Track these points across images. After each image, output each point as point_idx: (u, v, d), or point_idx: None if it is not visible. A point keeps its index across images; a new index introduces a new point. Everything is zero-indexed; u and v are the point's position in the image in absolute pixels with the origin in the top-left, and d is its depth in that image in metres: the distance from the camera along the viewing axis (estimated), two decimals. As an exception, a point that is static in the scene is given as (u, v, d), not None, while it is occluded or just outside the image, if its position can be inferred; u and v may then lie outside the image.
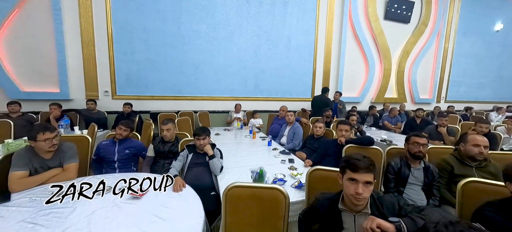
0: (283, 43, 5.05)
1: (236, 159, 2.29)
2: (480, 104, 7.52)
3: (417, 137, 1.73)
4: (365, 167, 0.89)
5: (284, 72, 5.18)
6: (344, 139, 2.14)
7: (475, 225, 0.55)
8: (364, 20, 5.59)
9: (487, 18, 7.17)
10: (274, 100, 5.17)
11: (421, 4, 6.08)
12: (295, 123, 3.32)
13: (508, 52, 7.83)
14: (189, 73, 4.63)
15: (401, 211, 0.93)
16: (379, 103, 5.98)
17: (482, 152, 1.66)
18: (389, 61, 5.96)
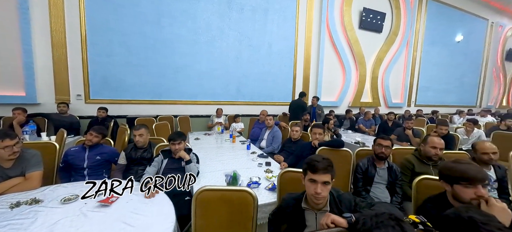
0: (264, 49, 5.17)
1: (214, 163, 2.30)
2: (445, 108, 8.19)
3: (381, 139, 1.87)
4: (323, 168, 0.96)
5: (265, 77, 5.28)
6: (318, 142, 2.24)
7: (395, 216, 0.63)
8: (341, 29, 5.90)
9: (450, 29, 7.90)
10: (256, 104, 5.24)
11: (391, 15, 6.55)
12: (274, 127, 3.40)
13: (468, 61, 8.66)
14: (169, 77, 4.55)
15: (356, 207, 1.01)
16: (356, 107, 6.29)
17: (437, 154, 1.84)
18: (364, 68, 6.31)
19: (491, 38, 8.97)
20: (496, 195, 1.88)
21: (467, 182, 1.06)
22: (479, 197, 1.03)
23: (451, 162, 1.20)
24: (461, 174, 1.08)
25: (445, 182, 1.15)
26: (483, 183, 1.07)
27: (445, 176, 1.16)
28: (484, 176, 1.08)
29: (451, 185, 1.12)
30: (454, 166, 1.14)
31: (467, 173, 1.07)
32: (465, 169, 1.09)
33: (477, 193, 1.03)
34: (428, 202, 1.19)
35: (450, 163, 1.18)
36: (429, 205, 1.16)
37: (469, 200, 1.05)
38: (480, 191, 1.04)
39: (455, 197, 1.11)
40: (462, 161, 1.17)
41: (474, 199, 1.04)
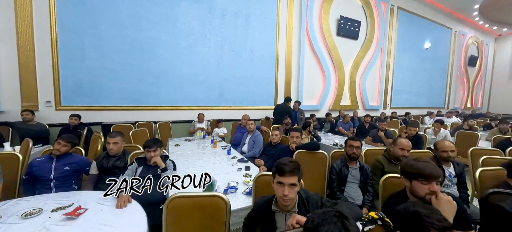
0: (246, 54, 5.22)
1: (193, 169, 2.27)
2: (417, 110, 8.77)
3: (351, 140, 1.97)
4: (290, 170, 1.01)
5: (248, 82, 5.32)
6: (295, 145, 2.30)
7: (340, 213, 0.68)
8: (320, 36, 6.14)
9: (419, 37, 8.53)
10: (238, 109, 5.25)
11: (366, 23, 6.94)
12: (255, 131, 3.44)
13: (436, 67, 9.38)
14: (149, 82, 4.44)
15: (322, 207, 1.06)
16: (336, 110, 6.53)
17: (404, 155, 1.97)
18: (343, 73, 6.60)
19: (455, 46, 9.81)
20: (456, 189, 2.05)
21: (423, 179, 1.15)
22: (432, 192, 1.13)
23: (411, 159, 1.29)
24: (419, 171, 1.17)
25: (405, 178, 1.25)
26: (437, 180, 1.17)
27: (405, 172, 1.25)
28: (438, 173, 1.17)
29: (410, 181, 1.21)
30: (413, 163, 1.23)
31: (424, 170, 1.16)
32: (423, 167, 1.18)
33: (430, 189, 1.13)
34: (391, 199, 1.27)
35: (411, 161, 1.27)
36: (392, 202, 1.25)
37: (424, 195, 1.15)
38: (433, 187, 1.14)
39: (412, 192, 1.21)
40: (420, 159, 1.27)
41: (428, 194, 1.14)
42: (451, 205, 1.05)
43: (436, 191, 1.12)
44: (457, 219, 1.09)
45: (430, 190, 1.13)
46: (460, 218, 1.10)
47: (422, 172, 1.16)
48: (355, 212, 1.01)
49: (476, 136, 3.96)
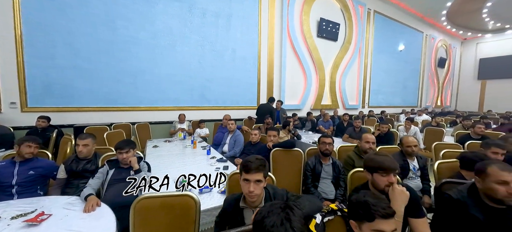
0: (228, 54, 5.22)
1: (171, 170, 2.24)
2: (393, 109, 9.27)
3: (324, 138, 2.06)
4: (255, 167, 1.04)
5: (230, 82, 5.32)
6: (272, 143, 2.36)
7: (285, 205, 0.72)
8: (301, 37, 6.29)
9: (394, 40, 9.03)
10: (221, 109, 5.23)
11: (345, 25, 7.22)
12: (236, 131, 3.46)
13: (409, 68, 9.98)
14: (127, 82, 4.28)
15: (287, 201, 1.11)
16: (317, 109, 6.73)
17: (371, 147, 2.10)
18: (323, 73, 6.81)
19: (426, 48, 10.51)
20: (419, 181, 2.22)
21: (383, 171, 1.24)
22: (390, 183, 1.22)
23: (373, 154, 1.39)
24: (379, 165, 1.26)
25: (367, 171, 1.33)
26: (395, 172, 1.27)
27: (367, 166, 1.34)
28: (395, 166, 1.27)
29: (371, 174, 1.30)
30: (374, 157, 1.32)
31: (383, 163, 1.25)
32: (382, 160, 1.27)
33: (389, 180, 1.23)
34: (354, 191, 1.36)
35: (372, 155, 1.36)
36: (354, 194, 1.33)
37: (384, 186, 1.24)
38: (391, 178, 1.23)
39: (374, 184, 1.30)
40: (381, 154, 1.36)
41: (387, 185, 1.23)
42: (403, 194, 1.15)
43: (393, 182, 1.22)
44: (410, 207, 1.19)
45: (389, 182, 1.22)
46: (413, 206, 1.20)
47: (382, 165, 1.25)
48: (316, 204, 1.07)
49: (441, 132, 4.29)
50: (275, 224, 0.65)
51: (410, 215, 1.21)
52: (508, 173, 1.06)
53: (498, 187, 1.08)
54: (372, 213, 0.81)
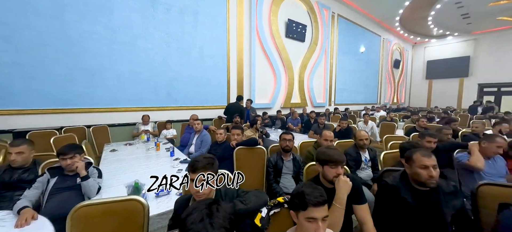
0: (195, 52, 5.08)
1: (128, 175, 2.10)
2: (356, 106, 10.01)
3: (284, 134, 2.14)
4: (202, 167, 1.04)
5: (199, 81, 5.19)
6: (235, 142, 2.37)
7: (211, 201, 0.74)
8: (270, 37, 6.41)
9: (355, 42, 9.74)
10: (189, 109, 5.07)
11: (311, 27, 7.57)
12: (202, 131, 3.39)
13: (370, 69, 10.87)
14: (80, 81, 3.89)
15: (238, 198, 1.14)
16: (287, 108, 6.94)
17: (328, 144, 2.24)
18: (292, 72, 7.05)
19: (383, 51, 11.56)
20: (370, 171, 2.44)
21: (332, 163, 1.33)
22: (338, 175, 1.32)
23: (324, 148, 1.48)
24: (329, 157, 1.34)
25: (319, 164, 1.42)
26: (342, 164, 1.36)
27: (318, 159, 1.43)
28: (343, 159, 1.37)
29: (322, 166, 1.39)
30: (325, 151, 1.41)
31: (332, 156, 1.34)
32: (332, 153, 1.36)
33: (337, 172, 1.32)
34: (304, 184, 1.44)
35: (323, 149, 1.45)
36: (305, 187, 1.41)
37: (332, 177, 1.33)
38: (339, 170, 1.33)
39: (324, 176, 1.39)
40: (331, 148, 1.46)
41: (335, 176, 1.33)
42: (347, 185, 1.25)
43: (340, 174, 1.32)
44: (353, 195, 1.31)
45: (337, 173, 1.32)
46: (356, 194, 1.32)
47: (331, 158, 1.33)
48: (262, 199, 1.11)
49: (394, 126, 4.77)
50: (195, 220, 0.65)
51: (353, 202, 1.33)
52: (428, 158, 1.23)
53: (421, 171, 1.24)
54: (305, 202, 0.87)
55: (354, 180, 1.35)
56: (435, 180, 1.21)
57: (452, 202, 1.26)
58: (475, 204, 1.40)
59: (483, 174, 2.09)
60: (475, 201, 1.40)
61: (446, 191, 1.28)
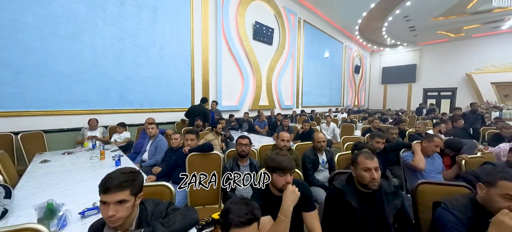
0: (155, 50, 4.70)
1: (51, 192, 1.77)
2: (322, 108, 10.49)
3: (240, 138, 2.04)
4: (116, 185, 0.86)
5: (159, 81, 4.81)
6: (188, 148, 2.18)
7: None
8: (237, 38, 6.31)
9: (320, 48, 10.23)
10: (148, 111, 4.66)
11: (279, 31, 7.70)
12: (158, 136, 3.10)
13: (333, 73, 11.52)
14: (6, 79, 3.25)
15: (166, 217, 0.98)
16: (255, 110, 6.90)
17: (285, 145, 2.21)
18: (260, 75, 7.06)
19: (345, 56, 12.40)
20: (328, 172, 2.47)
21: (281, 171, 1.24)
22: (287, 183, 1.24)
23: (274, 153, 1.39)
24: (278, 164, 1.25)
25: (268, 171, 1.33)
26: (291, 172, 1.29)
27: (267, 166, 1.34)
28: (292, 166, 1.28)
29: (271, 173, 1.30)
30: (274, 157, 1.31)
31: (281, 163, 1.24)
32: (281, 160, 1.25)
33: (285, 180, 1.24)
34: (255, 193, 1.34)
35: (273, 155, 1.36)
36: (256, 196, 1.32)
37: (281, 186, 1.25)
38: (288, 178, 1.24)
39: (272, 184, 1.30)
40: (281, 153, 1.37)
41: (284, 185, 1.24)
42: (294, 195, 1.18)
43: (289, 182, 1.24)
44: (302, 203, 1.25)
45: (286, 181, 1.24)
46: (305, 201, 1.27)
47: (280, 165, 1.24)
48: (190, 218, 0.97)
49: (352, 127, 5.06)
50: None
51: (302, 210, 1.28)
52: (370, 160, 1.24)
53: (364, 173, 1.25)
54: (227, 222, 0.76)
55: (303, 188, 1.30)
56: (377, 182, 1.22)
57: (394, 202, 1.29)
58: (414, 202, 1.47)
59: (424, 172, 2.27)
60: (415, 200, 1.47)
61: (388, 191, 1.30)
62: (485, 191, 1.06)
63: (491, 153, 2.53)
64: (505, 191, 0.98)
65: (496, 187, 1.01)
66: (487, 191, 1.05)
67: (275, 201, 1.24)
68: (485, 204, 1.07)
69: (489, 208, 1.04)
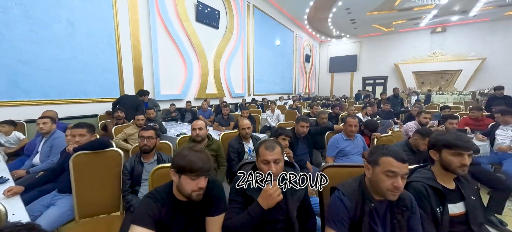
0: (61, 27, 3.77)
1: None
2: (274, 96, 10.65)
3: (143, 131, 1.70)
4: None
5: (70, 66, 3.92)
6: (72, 147, 1.73)
7: None
8: (176, 19, 5.66)
9: (271, 35, 10.21)
10: (57, 103, 3.77)
11: (226, 14, 7.27)
12: (55, 133, 2.47)
13: (285, 61, 11.75)
14: None
15: None
16: (201, 99, 6.44)
17: (198, 134, 1.96)
18: (206, 61, 6.59)
19: (296, 46, 12.78)
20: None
21: (193, 174, 0.96)
22: (200, 189, 0.98)
23: (186, 149, 1.05)
24: (189, 164, 0.96)
25: (174, 171, 1.02)
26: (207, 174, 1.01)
27: (174, 165, 1.02)
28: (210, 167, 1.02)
29: (179, 175, 1.00)
30: (186, 154, 0.99)
31: (195, 164, 0.97)
32: (194, 159, 0.97)
33: (198, 185, 0.97)
34: (151, 195, 1.07)
35: (185, 150, 1.01)
36: (149, 196, 1.05)
37: (190, 192, 0.97)
38: (201, 182, 0.98)
39: (178, 187, 1.02)
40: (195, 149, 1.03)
41: (194, 191, 0.97)
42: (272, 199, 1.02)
43: (202, 188, 0.98)
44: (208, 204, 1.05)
45: (198, 187, 0.97)
46: (211, 204, 1.07)
47: (193, 166, 0.95)
48: None
49: (295, 113, 5.17)
50: None
51: (207, 214, 1.07)
52: (270, 152, 1.09)
53: (263, 166, 1.11)
54: None
55: (214, 187, 1.08)
56: (276, 176, 1.08)
57: (297, 193, 1.18)
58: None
59: (348, 153, 2.35)
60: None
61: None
62: (371, 171, 1.02)
63: (400, 131, 2.80)
64: (386, 168, 0.95)
65: (379, 165, 0.97)
66: (372, 170, 1.00)
67: (180, 205, 1.02)
68: (373, 184, 1.03)
69: (377, 188, 1.01)
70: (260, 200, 1.02)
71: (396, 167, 0.93)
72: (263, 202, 1.01)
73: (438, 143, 1.18)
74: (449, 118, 2.82)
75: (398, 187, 0.92)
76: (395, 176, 0.93)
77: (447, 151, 1.14)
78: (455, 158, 1.11)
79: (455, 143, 1.11)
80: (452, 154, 1.12)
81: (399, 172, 0.93)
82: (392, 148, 0.98)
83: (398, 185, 0.92)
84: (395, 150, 0.97)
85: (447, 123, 2.77)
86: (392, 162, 0.94)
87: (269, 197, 1.00)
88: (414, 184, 1.16)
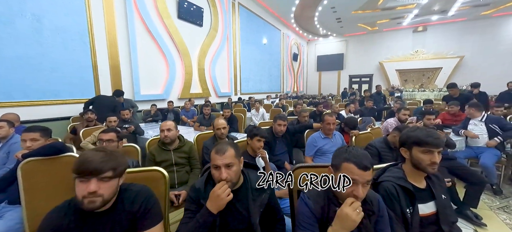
0: (25, 22, 3.49)
1: None
2: (261, 95, 10.58)
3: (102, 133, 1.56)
4: None
5: (37, 65, 3.65)
6: (22, 153, 1.56)
7: None
8: (156, 15, 5.44)
9: (258, 33, 10.12)
10: (22, 105, 3.50)
11: (210, 12, 7.10)
12: (12, 137, 2.25)
13: (272, 59, 11.71)
14: None
15: None
16: (185, 98, 6.26)
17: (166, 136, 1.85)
18: (189, 59, 6.40)
19: (284, 44, 12.78)
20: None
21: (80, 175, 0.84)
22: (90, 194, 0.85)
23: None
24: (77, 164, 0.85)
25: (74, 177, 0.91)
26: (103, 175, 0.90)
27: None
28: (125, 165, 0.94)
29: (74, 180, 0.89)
30: None
31: None
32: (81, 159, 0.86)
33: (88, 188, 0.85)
34: None
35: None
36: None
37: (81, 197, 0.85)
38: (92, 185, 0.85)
39: None
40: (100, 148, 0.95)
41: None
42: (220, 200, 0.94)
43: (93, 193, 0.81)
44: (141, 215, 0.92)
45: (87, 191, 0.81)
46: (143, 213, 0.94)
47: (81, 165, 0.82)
48: None
49: (280, 111, 5.11)
50: None
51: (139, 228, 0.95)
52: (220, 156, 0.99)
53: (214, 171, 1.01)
54: None
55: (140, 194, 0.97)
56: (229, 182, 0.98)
57: (260, 198, 1.09)
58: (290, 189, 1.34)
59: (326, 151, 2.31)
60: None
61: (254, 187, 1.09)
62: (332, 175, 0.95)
63: (379, 128, 2.80)
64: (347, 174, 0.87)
65: (340, 171, 0.90)
66: (334, 175, 0.94)
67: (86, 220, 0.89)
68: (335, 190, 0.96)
69: (337, 194, 0.94)
70: (208, 204, 0.93)
71: (357, 175, 0.85)
72: (212, 204, 0.92)
73: (408, 140, 1.14)
74: (427, 113, 2.85)
75: (358, 197, 0.85)
76: (355, 183, 0.86)
77: (417, 148, 1.10)
78: (425, 155, 1.07)
79: (425, 140, 1.07)
80: (422, 152, 1.08)
81: (359, 180, 0.85)
82: (356, 152, 0.91)
83: (358, 194, 0.85)
84: (359, 155, 0.89)
85: (425, 119, 2.80)
86: (352, 169, 0.87)
87: (217, 198, 0.91)
88: (385, 184, 1.11)
